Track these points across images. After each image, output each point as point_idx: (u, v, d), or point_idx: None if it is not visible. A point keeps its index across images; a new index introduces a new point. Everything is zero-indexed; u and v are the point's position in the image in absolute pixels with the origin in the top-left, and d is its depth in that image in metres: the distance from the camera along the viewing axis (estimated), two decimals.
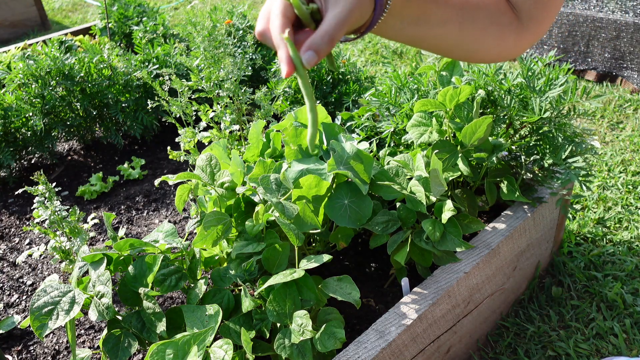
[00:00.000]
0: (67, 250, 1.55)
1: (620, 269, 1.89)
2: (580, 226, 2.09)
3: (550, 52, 1.47)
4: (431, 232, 1.31)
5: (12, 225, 2.18)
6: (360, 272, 1.61)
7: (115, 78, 2.43)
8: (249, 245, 1.28)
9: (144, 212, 2.16)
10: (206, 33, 1.79)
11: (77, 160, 2.59)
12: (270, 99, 1.85)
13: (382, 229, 1.37)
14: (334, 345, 1.12)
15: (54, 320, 1.11)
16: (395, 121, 1.60)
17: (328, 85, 2.31)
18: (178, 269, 1.30)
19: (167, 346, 1.00)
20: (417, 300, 1.30)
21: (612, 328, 1.68)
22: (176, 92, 2.57)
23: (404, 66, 3.52)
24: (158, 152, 2.56)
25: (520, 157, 1.56)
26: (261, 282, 1.22)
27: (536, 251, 1.75)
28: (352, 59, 2.56)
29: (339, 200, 1.32)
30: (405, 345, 1.28)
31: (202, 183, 1.35)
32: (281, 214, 1.20)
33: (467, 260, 1.40)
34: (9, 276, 1.90)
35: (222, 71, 1.78)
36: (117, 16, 3.20)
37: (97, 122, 2.55)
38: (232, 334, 1.20)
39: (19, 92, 2.34)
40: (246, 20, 2.85)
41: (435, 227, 1.32)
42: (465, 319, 1.50)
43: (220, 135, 1.84)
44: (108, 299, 1.15)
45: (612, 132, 2.67)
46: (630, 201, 2.20)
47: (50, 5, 5.82)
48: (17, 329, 1.67)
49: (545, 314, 1.76)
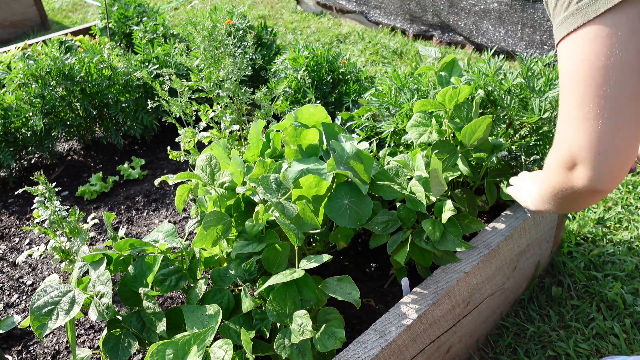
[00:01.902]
0: (67, 250, 1.55)
1: (620, 269, 1.89)
2: (580, 226, 2.09)
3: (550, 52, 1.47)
4: (431, 232, 1.31)
5: (12, 225, 2.18)
6: (360, 272, 1.61)
7: (115, 78, 2.43)
8: (249, 245, 1.28)
9: (144, 212, 2.16)
10: (206, 33, 1.79)
11: (77, 160, 2.59)
12: (270, 99, 1.85)
13: (382, 228, 1.37)
14: (334, 345, 1.12)
15: (54, 320, 1.11)
16: (395, 121, 1.60)
17: (328, 85, 2.31)
18: (178, 269, 1.30)
19: (167, 346, 1.00)
20: (417, 300, 1.30)
21: (612, 328, 1.68)
22: (176, 92, 2.57)
23: (404, 66, 3.52)
24: (158, 152, 2.56)
25: (520, 157, 1.56)
26: (261, 282, 1.22)
27: (536, 251, 1.75)
28: (352, 59, 2.56)
29: (339, 200, 1.32)
30: (405, 345, 1.28)
31: (202, 183, 1.35)
32: (281, 214, 1.20)
33: (467, 260, 1.40)
34: (9, 276, 1.90)
35: (222, 71, 1.78)
36: (117, 16, 3.20)
37: (97, 122, 2.55)
38: (232, 334, 1.20)
39: (19, 92, 2.34)
40: (246, 20, 2.85)
41: (435, 227, 1.32)
42: (465, 319, 1.50)
43: (220, 135, 1.84)
44: (108, 299, 1.15)
45: None
46: (630, 201, 2.20)
47: (50, 5, 5.82)
48: (17, 329, 1.67)
49: (545, 314, 1.76)
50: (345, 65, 2.37)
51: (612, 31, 0.71)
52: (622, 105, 0.72)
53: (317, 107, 1.45)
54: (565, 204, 0.91)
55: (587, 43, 0.73)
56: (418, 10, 3.83)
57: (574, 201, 0.87)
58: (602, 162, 0.76)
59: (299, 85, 2.26)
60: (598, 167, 0.76)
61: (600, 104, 0.73)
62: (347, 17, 4.50)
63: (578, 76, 0.74)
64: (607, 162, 0.76)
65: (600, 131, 0.74)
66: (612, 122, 0.73)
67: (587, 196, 0.83)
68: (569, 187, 0.83)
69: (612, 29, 0.71)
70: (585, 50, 0.73)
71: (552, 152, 0.86)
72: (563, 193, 0.87)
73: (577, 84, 0.75)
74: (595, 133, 0.74)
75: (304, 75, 2.24)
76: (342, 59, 2.39)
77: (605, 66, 0.72)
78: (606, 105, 0.73)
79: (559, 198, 0.90)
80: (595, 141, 0.75)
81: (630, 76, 0.72)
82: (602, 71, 0.72)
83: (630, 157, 0.76)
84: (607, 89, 0.72)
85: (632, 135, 0.75)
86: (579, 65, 0.74)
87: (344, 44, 4.03)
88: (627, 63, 0.71)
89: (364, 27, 4.32)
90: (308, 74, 2.26)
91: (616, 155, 0.75)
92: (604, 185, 0.78)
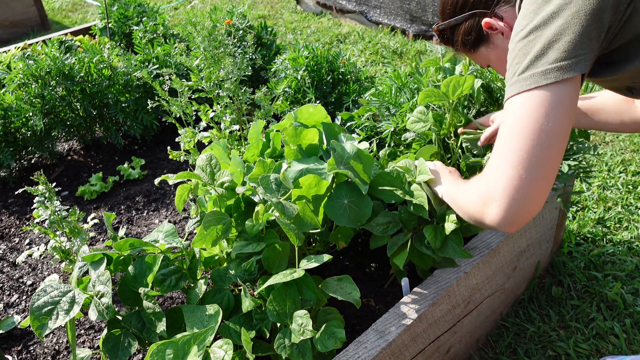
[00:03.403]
0: (67, 250, 1.55)
1: (620, 269, 1.89)
2: (580, 226, 2.09)
3: None
4: (432, 240, 1.29)
5: (12, 225, 2.18)
6: (360, 272, 1.61)
7: (115, 78, 2.42)
8: (248, 245, 1.28)
9: (144, 212, 2.16)
10: (206, 33, 1.79)
11: (77, 160, 2.59)
12: (270, 99, 1.85)
13: (383, 230, 1.37)
14: (334, 345, 1.12)
15: (54, 320, 1.11)
16: (395, 121, 1.60)
17: (328, 85, 2.31)
18: (178, 269, 1.30)
19: (167, 346, 1.00)
20: (417, 300, 1.30)
21: (612, 328, 1.68)
22: (176, 92, 2.57)
23: (404, 66, 3.52)
24: (158, 152, 2.56)
25: None
26: (261, 282, 1.22)
27: (536, 251, 1.75)
28: (352, 59, 2.56)
29: (339, 200, 1.32)
30: (405, 345, 1.28)
31: (202, 183, 1.35)
32: (281, 213, 1.20)
33: (467, 261, 1.40)
34: (9, 276, 1.90)
35: (222, 71, 1.78)
36: (117, 16, 3.20)
37: (97, 122, 2.55)
38: (232, 334, 1.20)
39: (19, 92, 2.34)
40: (246, 20, 2.85)
41: (437, 235, 1.30)
42: (465, 319, 1.50)
43: (220, 135, 1.84)
44: (108, 299, 1.15)
45: (612, 132, 2.67)
46: (630, 201, 2.20)
47: (50, 5, 5.82)
48: (17, 329, 1.67)
49: (545, 314, 1.76)
50: (345, 65, 2.37)
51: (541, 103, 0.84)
52: (542, 164, 0.85)
53: (316, 107, 1.45)
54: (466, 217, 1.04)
55: (524, 107, 0.86)
56: (418, 10, 3.83)
57: (475, 222, 0.99)
58: (514, 207, 0.86)
59: (299, 85, 2.26)
60: (509, 211, 0.87)
61: (526, 158, 0.85)
62: (347, 17, 4.50)
63: (516, 131, 0.86)
64: (518, 208, 0.86)
65: (520, 180, 0.85)
66: (531, 176, 0.85)
67: (488, 228, 0.95)
68: (479, 217, 0.95)
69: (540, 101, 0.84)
70: (522, 112, 0.86)
71: (477, 182, 0.97)
72: (470, 216, 1.00)
73: (511, 135, 0.87)
74: (517, 181, 0.85)
75: (304, 75, 2.24)
76: (342, 59, 2.39)
77: (536, 129, 0.84)
78: (530, 161, 0.85)
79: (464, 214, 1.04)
80: (513, 188, 0.86)
81: (552, 144, 0.85)
82: (533, 134, 0.84)
83: (537, 209, 0.88)
84: (534, 149, 0.84)
85: (544, 191, 0.87)
86: (518, 122, 0.86)
87: (344, 44, 4.03)
88: (554, 131, 0.84)
89: (364, 27, 4.32)
90: (308, 74, 2.26)
91: (528, 204, 0.86)
92: (507, 228, 0.90)
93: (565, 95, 0.84)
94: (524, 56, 0.86)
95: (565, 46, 0.83)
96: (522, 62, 0.86)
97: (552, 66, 0.83)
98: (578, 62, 0.83)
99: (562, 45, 0.83)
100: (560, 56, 0.83)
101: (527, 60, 0.86)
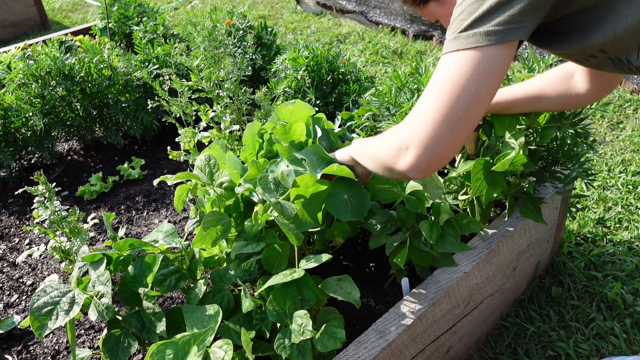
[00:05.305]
0: (67, 250, 1.55)
1: (621, 269, 1.89)
2: (580, 226, 2.09)
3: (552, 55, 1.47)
4: (428, 234, 1.30)
5: (12, 225, 2.18)
6: (360, 272, 1.61)
7: (115, 78, 2.42)
8: (248, 245, 1.28)
9: (143, 212, 2.16)
10: (206, 33, 1.79)
11: (77, 160, 2.59)
12: (270, 99, 1.85)
13: (381, 229, 1.37)
14: (334, 345, 1.12)
15: (54, 321, 1.11)
16: (395, 121, 1.60)
17: (328, 85, 2.31)
18: (178, 269, 1.30)
19: (167, 346, 1.00)
20: (417, 301, 1.30)
21: (612, 328, 1.68)
22: (176, 92, 2.57)
23: (404, 66, 3.52)
24: (158, 152, 2.56)
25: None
26: (261, 282, 1.22)
27: (536, 251, 1.75)
28: (352, 59, 2.56)
29: (339, 195, 1.32)
30: (405, 345, 1.28)
31: (201, 183, 1.35)
32: (280, 213, 1.20)
33: (467, 260, 1.40)
34: (9, 276, 1.90)
35: (222, 71, 1.78)
36: (117, 16, 3.20)
37: (97, 122, 2.55)
38: (232, 334, 1.20)
39: (19, 92, 2.34)
40: (246, 20, 2.85)
41: (433, 229, 1.32)
42: (465, 319, 1.50)
43: (220, 135, 1.84)
44: (108, 299, 1.15)
45: (612, 132, 2.67)
46: (630, 201, 2.20)
47: (50, 5, 5.82)
48: (17, 329, 1.67)
49: (545, 314, 1.76)
50: (345, 65, 2.37)
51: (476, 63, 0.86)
52: (461, 122, 0.89)
53: (296, 104, 1.44)
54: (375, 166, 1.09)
55: (458, 65, 0.88)
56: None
57: (384, 170, 1.06)
58: (427, 156, 0.92)
59: (299, 85, 2.26)
60: (422, 159, 0.93)
61: (448, 114, 0.89)
62: (347, 17, 4.50)
63: (443, 85, 0.89)
64: (429, 158, 0.92)
65: (436, 132, 0.90)
66: (449, 131, 0.89)
67: (399, 174, 1.00)
68: (390, 163, 1.00)
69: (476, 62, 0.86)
70: (455, 70, 0.88)
71: (396, 129, 1.00)
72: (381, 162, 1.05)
73: (439, 90, 0.90)
74: (433, 133, 0.90)
75: (304, 75, 2.24)
76: (342, 59, 2.39)
77: (465, 89, 0.87)
78: (451, 118, 0.89)
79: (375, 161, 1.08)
80: (430, 139, 0.91)
81: (476, 105, 0.88)
82: (461, 92, 0.87)
83: (446, 161, 0.95)
84: (458, 107, 0.88)
85: (457, 145, 0.93)
86: (447, 78, 0.89)
87: (344, 44, 4.03)
88: (480, 92, 0.87)
89: (364, 27, 4.32)
90: (308, 74, 2.26)
91: (440, 155, 0.92)
92: (414, 174, 0.96)
93: (500, 58, 0.86)
94: (470, 14, 0.87)
95: (512, 11, 0.84)
96: (467, 19, 0.87)
97: (494, 28, 0.84)
98: (520, 28, 0.85)
99: (509, 9, 0.84)
100: (505, 19, 0.84)
101: (472, 18, 0.86)
